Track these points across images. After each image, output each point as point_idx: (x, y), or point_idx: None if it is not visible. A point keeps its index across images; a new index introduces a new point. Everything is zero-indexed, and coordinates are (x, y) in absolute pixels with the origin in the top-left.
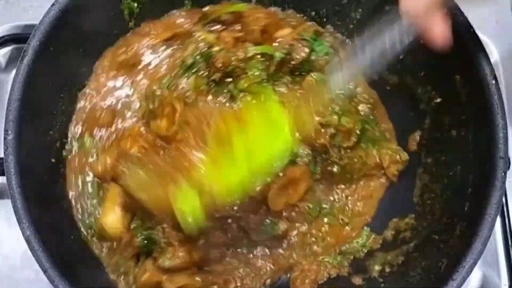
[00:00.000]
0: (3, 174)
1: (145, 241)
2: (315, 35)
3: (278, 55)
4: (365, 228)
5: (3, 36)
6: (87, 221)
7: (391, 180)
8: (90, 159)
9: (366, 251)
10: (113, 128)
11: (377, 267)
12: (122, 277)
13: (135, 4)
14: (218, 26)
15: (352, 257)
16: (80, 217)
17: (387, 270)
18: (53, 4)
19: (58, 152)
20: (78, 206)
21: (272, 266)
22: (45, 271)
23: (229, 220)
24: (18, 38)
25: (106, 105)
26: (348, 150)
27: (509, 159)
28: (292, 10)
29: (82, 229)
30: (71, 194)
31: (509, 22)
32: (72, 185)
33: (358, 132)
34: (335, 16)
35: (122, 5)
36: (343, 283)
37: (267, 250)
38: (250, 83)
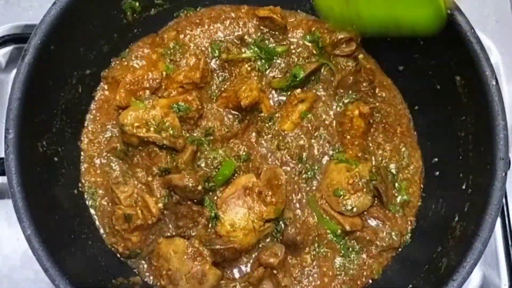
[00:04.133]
0: (3, 174)
1: None
2: None
3: None
4: None
5: (3, 36)
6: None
7: None
8: None
9: None
10: None
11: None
12: None
13: (137, 3)
14: None
15: None
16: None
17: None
18: (54, 4)
19: (60, 151)
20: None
21: None
22: (45, 270)
23: None
24: (18, 38)
25: None
26: None
27: (509, 160)
28: None
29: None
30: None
31: (509, 22)
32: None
33: None
34: None
35: (124, 4)
36: None
37: None
38: None
